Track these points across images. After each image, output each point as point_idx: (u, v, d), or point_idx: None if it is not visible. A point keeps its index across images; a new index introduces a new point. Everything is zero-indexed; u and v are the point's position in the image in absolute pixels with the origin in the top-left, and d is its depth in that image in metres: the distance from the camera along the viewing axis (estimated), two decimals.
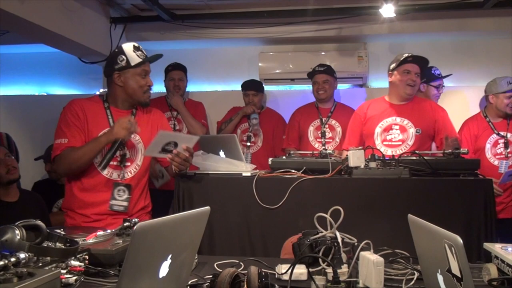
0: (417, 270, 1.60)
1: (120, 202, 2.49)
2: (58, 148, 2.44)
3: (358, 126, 3.36)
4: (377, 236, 2.03)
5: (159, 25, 4.69)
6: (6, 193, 3.14)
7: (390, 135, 3.19)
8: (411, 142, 3.13)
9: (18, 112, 5.33)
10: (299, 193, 2.49)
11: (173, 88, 4.43)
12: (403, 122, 3.20)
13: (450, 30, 4.56)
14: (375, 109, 3.31)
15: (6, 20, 3.46)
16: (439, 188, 2.43)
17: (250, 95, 4.39)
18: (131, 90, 2.52)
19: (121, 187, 2.49)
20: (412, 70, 3.21)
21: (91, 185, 2.49)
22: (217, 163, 2.70)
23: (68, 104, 2.55)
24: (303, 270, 1.60)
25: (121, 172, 2.51)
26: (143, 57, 2.52)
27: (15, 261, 1.29)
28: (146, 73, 2.54)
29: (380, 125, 3.22)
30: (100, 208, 2.49)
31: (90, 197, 2.49)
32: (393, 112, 3.24)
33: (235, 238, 2.54)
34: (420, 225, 1.29)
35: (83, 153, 2.41)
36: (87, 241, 1.74)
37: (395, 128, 3.20)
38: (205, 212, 1.35)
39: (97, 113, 2.54)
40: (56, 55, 4.83)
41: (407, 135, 3.17)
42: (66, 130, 2.47)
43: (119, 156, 2.50)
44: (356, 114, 3.43)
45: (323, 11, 4.37)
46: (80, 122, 2.48)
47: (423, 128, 3.18)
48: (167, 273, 1.20)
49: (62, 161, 2.43)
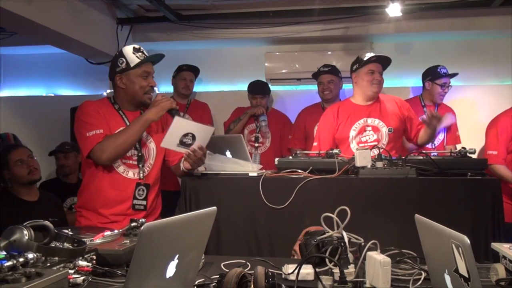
0: (424, 270, 1.59)
1: (140, 201, 2.51)
2: (96, 137, 2.42)
3: (330, 131, 3.28)
4: (384, 236, 2.03)
5: (165, 25, 4.70)
6: (27, 193, 3.23)
7: (364, 136, 3.17)
8: (386, 141, 3.12)
9: (26, 113, 5.38)
10: (305, 193, 2.49)
11: (182, 88, 4.46)
12: (374, 122, 3.18)
13: (457, 29, 4.53)
14: (345, 113, 3.27)
15: (14, 21, 3.49)
16: (446, 188, 2.42)
17: (257, 98, 4.39)
18: (133, 91, 2.53)
19: (141, 186, 2.52)
20: (376, 70, 3.19)
21: (108, 183, 2.49)
22: (223, 163, 2.70)
23: (84, 104, 2.55)
24: (310, 270, 1.60)
25: (136, 170, 2.53)
26: (143, 58, 2.51)
27: (23, 261, 1.30)
28: (148, 74, 2.53)
29: (354, 128, 3.20)
30: (119, 208, 2.50)
31: (109, 195, 2.49)
32: (363, 114, 3.22)
33: (241, 238, 2.55)
34: (427, 225, 1.29)
35: (131, 133, 2.42)
36: (94, 241, 1.75)
37: (368, 129, 3.18)
38: (211, 212, 1.36)
39: (111, 114, 2.55)
40: (63, 56, 4.86)
41: (380, 134, 3.15)
42: (94, 121, 2.46)
43: (135, 155, 2.52)
44: (327, 118, 3.34)
45: (329, 11, 4.36)
46: (101, 116, 2.49)
47: (395, 126, 3.16)
48: (174, 273, 1.20)
49: (105, 148, 2.39)
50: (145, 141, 2.58)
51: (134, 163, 2.53)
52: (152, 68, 2.57)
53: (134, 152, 2.53)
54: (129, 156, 2.52)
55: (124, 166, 2.51)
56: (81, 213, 2.56)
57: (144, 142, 2.58)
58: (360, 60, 3.28)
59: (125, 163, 2.51)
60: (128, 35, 4.77)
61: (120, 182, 2.50)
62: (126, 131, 2.44)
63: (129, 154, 2.52)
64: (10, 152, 3.24)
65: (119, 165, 2.51)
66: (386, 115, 3.19)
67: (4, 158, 3.21)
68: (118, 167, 2.50)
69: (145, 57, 2.52)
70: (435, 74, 4.06)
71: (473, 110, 4.66)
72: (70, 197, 3.97)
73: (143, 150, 2.56)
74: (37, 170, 3.26)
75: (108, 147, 2.40)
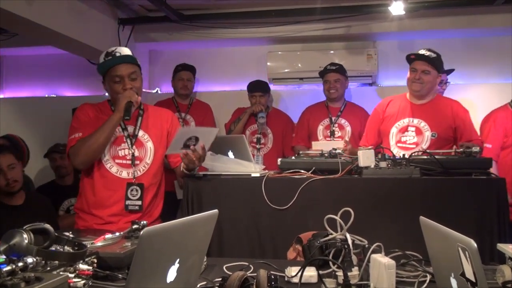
0: (429, 273, 1.57)
1: (134, 201, 2.48)
2: (72, 141, 2.44)
3: (376, 123, 3.25)
4: (388, 236, 2.01)
5: (167, 25, 4.69)
6: (9, 198, 3.10)
7: (405, 136, 3.09)
8: (425, 146, 3.01)
9: (28, 114, 5.38)
10: (308, 194, 2.47)
11: (180, 88, 4.45)
12: (420, 124, 3.09)
13: (460, 27, 4.51)
14: (393, 107, 3.21)
15: (15, 22, 3.49)
16: (451, 188, 2.39)
17: (257, 96, 4.37)
18: (111, 96, 2.54)
19: (133, 186, 2.49)
20: (419, 68, 3.11)
21: (102, 184, 2.48)
22: (226, 164, 2.68)
23: (80, 107, 2.58)
24: (313, 273, 1.58)
25: (130, 170, 2.51)
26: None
27: (22, 265, 1.29)
28: (120, 78, 2.45)
29: (396, 125, 3.13)
30: (114, 208, 2.48)
31: (103, 196, 2.48)
32: (410, 112, 3.14)
33: (244, 239, 2.53)
34: (432, 228, 1.26)
35: (99, 135, 2.39)
36: (95, 244, 1.73)
37: (410, 130, 3.09)
38: (213, 215, 1.34)
39: (107, 117, 2.51)
40: (65, 57, 4.86)
41: (422, 138, 3.06)
42: (79, 125, 2.48)
43: (129, 154, 2.50)
44: (376, 110, 3.33)
45: (331, 10, 4.34)
46: (91, 120, 2.49)
47: (440, 132, 3.04)
48: (175, 278, 1.18)
49: (77, 151, 2.40)
50: (141, 141, 2.56)
51: (128, 163, 2.51)
52: (126, 69, 2.46)
53: (128, 152, 2.51)
54: (123, 156, 2.50)
55: (117, 166, 2.49)
56: (78, 214, 2.56)
57: (140, 141, 2.55)
58: (407, 57, 3.22)
59: (118, 163, 2.49)
60: (130, 35, 4.75)
61: (113, 183, 2.48)
62: (95, 132, 2.41)
63: (123, 154, 2.50)
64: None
65: (112, 166, 2.49)
66: (435, 118, 3.08)
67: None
68: (111, 168, 2.49)
69: (106, 61, 2.45)
70: None
71: (476, 108, 4.62)
72: (67, 199, 3.95)
73: (139, 149, 2.54)
74: (16, 182, 3.08)
75: (79, 150, 2.40)
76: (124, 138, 2.52)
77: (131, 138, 2.53)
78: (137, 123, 2.56)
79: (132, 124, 2.54)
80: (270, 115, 4.45)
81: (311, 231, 2.04)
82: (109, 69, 2.46)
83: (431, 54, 3.09)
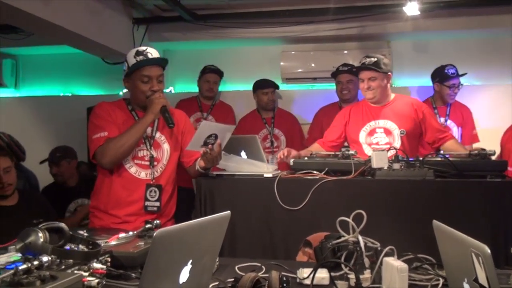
0: (442, 276, 1.56)
1: (153, 202, 2.49)
2: (98, 140, 2.42)
3: (342, 121, 3.26)
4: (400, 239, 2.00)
5: (181, 25, 4.70)
6: (2, 200, 3.01)
7: (375, 138, 3.11)
8: (398, 144, 3.02)
9: (43, 113, 5.44)
10: (321, 195, 2.47)
11: (206, 90, 4.53)
12: (386, 124, 3.12)
13: (475, 28, 4.46)
14: (356, 113, 3.23)
15: (31, 22, 3.52)
16: (465, 190, 2.38)
17: (269, 92, 4.40)
18: (134, 95, 2.52)
19: (152, 187, 2.50)
20: (364, 77, 3.12)
21: (120, 184, 2.49)
22: (238, 164, 2.69)
23: (98, 105, 2.56)
24: (325, 275, 1.58)
25: (149, 171, 2.52)
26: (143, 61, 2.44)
27: (38, 264, 1.31)
28: (148, 78, 2.44)
29: (364, 129, 3.15)
30: (131, 208, 2.49)
31: (121, 196, 2.49)
32: (374, 115, 3.16)
33: (256, 239, 2.54)
34: (445, 232, 1.26)
35: (130, 135, 2.39)
36: (109, 243, 1.74)
37: (379, 131, 3.11)
38: (225, 216, 1.34)
39: (125, 115, 2.54)
40: (80, 56, 4.89)
41: (392, 137, 3.08)
42: (102, 123, 2.46)
43: (147, 155, 2.51)
44: (343, 110, 3.36)
45: (345, 9, 4.32)
46: (111, 117, 2.49)
47: (407, 128, 3.06)
48: (187, 278, 1.19)
49: (106, 151, 2.40)
50: (158, 142, 2.57)
51: (147, 164, 2.52)
52: (156, 71, 2.46)
53: (147, 153, 2.52)
54: (141, 157, 2.51)
55: (136, 167, 2.51)
56: (94, 213, 2.57)
57: (157, 143, 2.56)
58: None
59: (137, 164, 2.51)
60: (144, 35, 4.78)
61: (131, 183, 2.49)
62: (126, 133, 2.41)
63: (142, 154, 2.51)
64: None
65: (131, 166, 2.50)
66: (399, 117, 3.11)
67: None
68: (130, 168, 2.50)
69: (140, 61, 2.43)
70: (442, 76, 4.02)
71: (491, 109, 4.58)
72: (73, 200, 3.92)
73: (156, 151, 2.55)
74: (10, 186, 2.99)
75: (108, 150, 2.40)
76: (143, 139, 2.52)
77: (149, 139, 2.54)
78: (154, 125, 2.56)
79: (149, 126, 2.55)
80: (276, 115, 4.45)
81: (319, 233, 2.05)
82: (139, 68, 2.45)
83: (370, 60, 3.10)
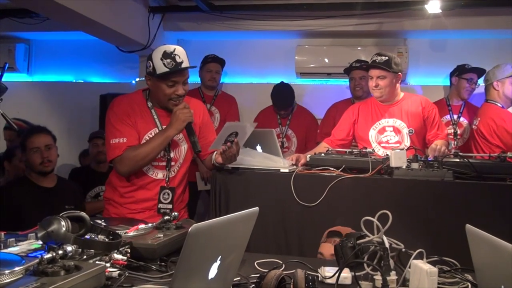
0: (468, 280, 1.54)
1: (165, 205, 2.49)
2: (118, 147, 2.39)
3: (351, 118, 3.24)
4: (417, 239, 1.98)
5: (197, 15, 4.66)
6: (43, 179, 3.16)
7: (385, 136, 3.10)
8: (407, 143, 3.03)
9: (56, 99, 5.42)
10: (337, 192, 2.45)
11: (208, 80, 4.44)
12: (395, 123, 3.11)
13: (496, 28, 4.38)
14: (365, 111, 3.21)
15: (46, 7, 3.51)
16: (484, 193, 2.36)
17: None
18: (157, 96, 2.46)
19: (166, 190, 2.50)
20: (374, 75, 3.09)
21: (137, 184, 2.48)
22: (254, 158, 2.67)
23: (116, 102, 2.51)
24: (348, 274, 1.56)
25: (165, 172, 2.50)
26: (171, 66, 2.33)
27: (62, 253, 1.29)
28: (174, 83, 2.39)
29: (374, 127, 3.14)
30: (146, 204, 2.50)
31: (134, 195, 2.49)
32: (383, 114, 3.15)
33: (270, 234, 2.52)
34: (480, 237, 1.23)
35: (151, 149, 2.39)
36: (128, 234, 1.73)
37: (388, 129, 3.11)
38: (254, 213, 1.33)
39: (144, 112, 2.50)
40: (94, 43, 4.86)
41: (401, 136, 3.08)
42: (122, 128, 2.42)
43: (164, 156, 2.49)
44: (351, 108, 3.33)
45: (364, 5, 4.26)
46: (131, 120, 2.45)
47: (416, 128, 3.06)
48: (215, 274, 1.17)
49: (126, 162, 2.39)
50: (177, 142, 2.54)
51: (163, 164, 2.51)
52: (182, 75, 2.41)
53: (163, 153, 2.49)
54: (159, 158, 2.48)
55: (154, 168, 2.50)
56: (109, 201, 2.56)
57: (176, 142, 2.53)
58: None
59: (154, 166, 2.49)
60: (160, 24, 4.74)
61: (148, 181, 2.49)
62: (147, 146, 2.39)
63: (159, 155, 2.48)
64: (30, 137, 3.15)
65: (149, 169, 2.49)
66: (408, 115, 3.10)
67: (23, 141, 3.15)
68: (148, 171, 2.49)
69: (170, 69, 2.34)
70: (462, 69, 4.05)
71: None
72: (98, 185, 3.94)
73: (175, 150, 2.52)
74: (50, 163, 3.14)
75: (128, 161, 2.39)
76: None
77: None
78: None
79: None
80: (294, 114, 4.39)
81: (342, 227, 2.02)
82: (169, 74, 2.36)
83: (381, 59, 3.07)
